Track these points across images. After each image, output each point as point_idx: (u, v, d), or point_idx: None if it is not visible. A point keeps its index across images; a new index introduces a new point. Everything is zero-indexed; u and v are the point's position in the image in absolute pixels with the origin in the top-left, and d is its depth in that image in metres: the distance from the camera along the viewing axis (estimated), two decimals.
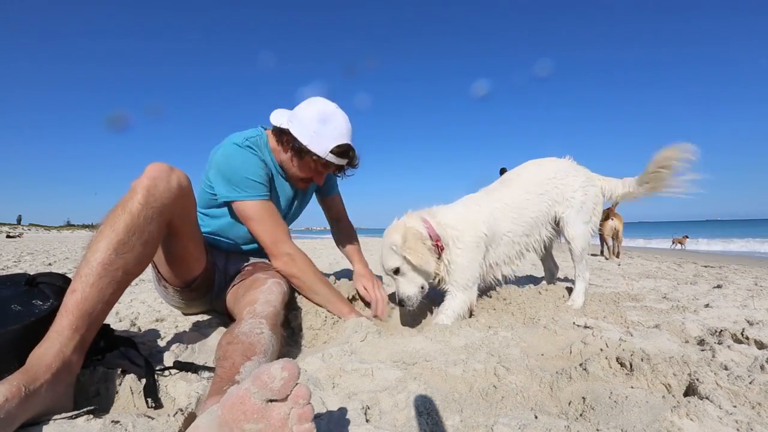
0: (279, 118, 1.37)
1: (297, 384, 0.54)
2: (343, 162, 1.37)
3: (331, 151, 1.31)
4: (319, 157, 1.32)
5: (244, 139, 1.36)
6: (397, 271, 1.51)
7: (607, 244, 6.26)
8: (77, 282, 0.81)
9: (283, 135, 1.35)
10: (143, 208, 0.91)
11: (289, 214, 1.56)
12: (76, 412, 0.69)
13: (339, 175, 1.46)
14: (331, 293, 1.41)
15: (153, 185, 0.94)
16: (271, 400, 0.54)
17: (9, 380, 0.64)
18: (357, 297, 1.63)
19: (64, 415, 0.69)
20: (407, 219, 1.56)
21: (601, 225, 6.43)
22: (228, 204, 1.37)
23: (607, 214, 6.16)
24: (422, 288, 1.53)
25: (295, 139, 1.31)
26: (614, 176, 1.92)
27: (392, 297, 1.64)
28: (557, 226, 1.80)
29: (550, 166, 1.82)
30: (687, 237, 12.77)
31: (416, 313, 1.75)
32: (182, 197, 1.02)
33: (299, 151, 1.33)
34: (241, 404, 0.54)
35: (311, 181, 1.46)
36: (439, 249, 1.54)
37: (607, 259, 5.69)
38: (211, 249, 1.42)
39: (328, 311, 1.40)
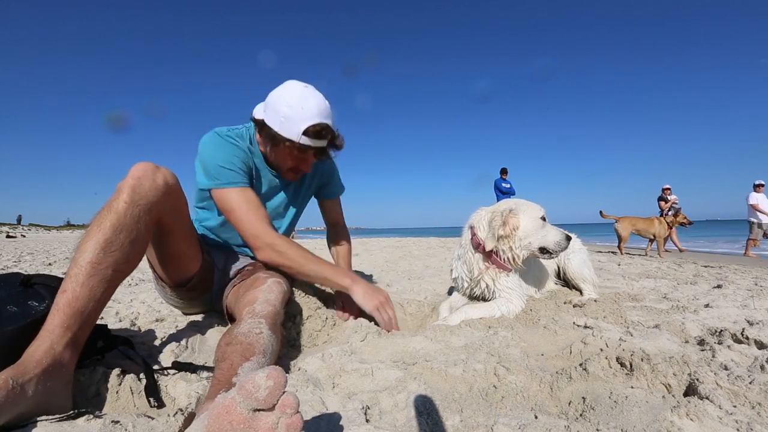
0: (258, 110, 1.35)
1: (284, 393, 0.53)
2: (321, 143, 1.30)
3: (304, 134, 1.25)
4: (292, 142, 1.26)
5: (227, 129, 1.36)
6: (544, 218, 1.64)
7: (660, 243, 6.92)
8: (67, 282, 0.81)
9: (261, 127, 1.32)
10: (129, 206, 0.91)
11: (279, 209, 1.51)
12: (73, 412, 0.69)
13: (322, 158, 1.39)
14: (325, 269, 1.34)
15: (138, 184, 0.94)
16: (258, 410, 0.52)
17: None
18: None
19: (62, 414, 0.69)
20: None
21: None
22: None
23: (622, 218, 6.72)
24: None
25: (269, 128, 1.28)
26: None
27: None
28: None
29: None
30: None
31: (418, 314, 1.75)
32: (169, 194, 1.02)
33: (273, 139, 1.29)
34: (227, 414, 0.52)
35: (299, 171, 1.40)
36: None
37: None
38: (210, 249, 1.42)
39: (330, 288, 1.37)
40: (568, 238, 1.62)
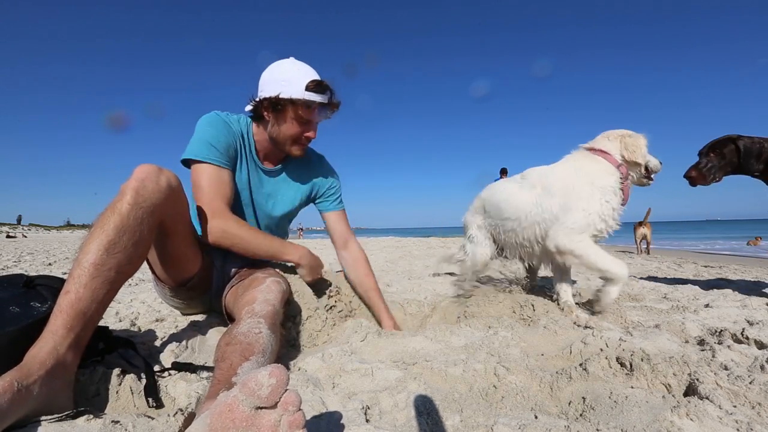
0: (249, 106, 1.39)
1: (286, 390, 0.53)
2: (324, 98, 1.32)
3: (307, 89, 1.28)
4: (298, 98, 1.28)
5: (228, 113, 1.38)
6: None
7: (638, 245, 7.23)
8: (70, 283, 0.81)
9: (259, 106, 1.33)
10: (132, 208, 0.91)
11: (267, 206, 1.49)
12: (72, 411, 0.69)
13: (326, 116, 1.38)
14: (274, 244, 1.37)
15: (141, 186, 0.94)
16: (260, 408, 0.52)
17: (2, 377, 0.64)
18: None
19: (62, 414, 0.69)
20: None
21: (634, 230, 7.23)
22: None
23: (640, 223, 6.86)
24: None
25: (268, 98, 1.29)
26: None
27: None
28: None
29: None
30: (760, 238, 11.68)
31: (418, 314, 1.75)
32: (172, 197, 1.02)
33: (276, 104, 1.29)
34: (230, 412, 0.53)
35: (306, 138, 1.39)
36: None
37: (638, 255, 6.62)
38: (209, 249, 1.42)
39: (280, 261, 1.43)
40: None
